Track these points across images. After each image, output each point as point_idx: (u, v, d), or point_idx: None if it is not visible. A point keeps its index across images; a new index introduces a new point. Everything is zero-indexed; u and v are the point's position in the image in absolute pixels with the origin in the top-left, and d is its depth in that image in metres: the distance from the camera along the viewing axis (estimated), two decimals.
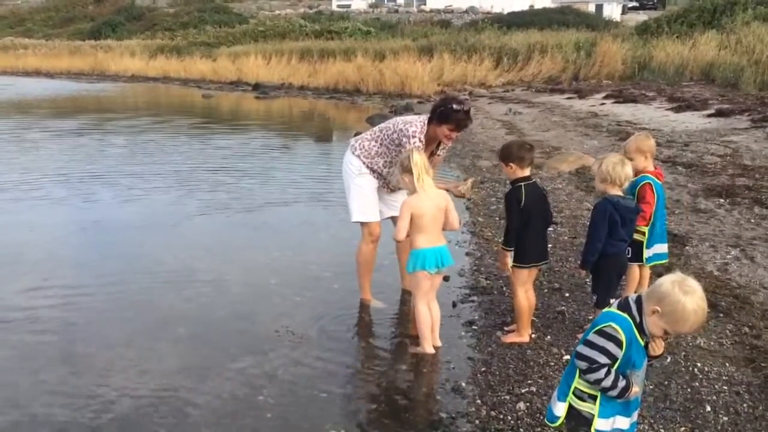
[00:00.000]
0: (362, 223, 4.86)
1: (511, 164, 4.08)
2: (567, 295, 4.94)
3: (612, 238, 3.95)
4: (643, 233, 4.42)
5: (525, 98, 20.56)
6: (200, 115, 21.11)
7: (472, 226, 7.20)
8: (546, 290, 5.05)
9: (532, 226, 4.07)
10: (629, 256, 4.48)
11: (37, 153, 12.79)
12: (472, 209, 7.96)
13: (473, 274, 5.65)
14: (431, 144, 4.75)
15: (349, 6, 62.45)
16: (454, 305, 4.94)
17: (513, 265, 4.12)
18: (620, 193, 3.99)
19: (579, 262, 4.23)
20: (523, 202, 4.01)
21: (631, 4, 63.08)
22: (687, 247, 5.72)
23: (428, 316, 4.14)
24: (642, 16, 44.28)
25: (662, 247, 4.54)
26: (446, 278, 5.38)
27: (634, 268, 4.52)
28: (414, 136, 4.62)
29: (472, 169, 10.24)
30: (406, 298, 4.95)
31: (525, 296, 4.16)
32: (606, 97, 17.87)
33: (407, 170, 4.01)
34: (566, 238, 6.41)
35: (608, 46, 23.28)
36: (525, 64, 25.98)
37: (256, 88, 30.32)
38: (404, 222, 3.98)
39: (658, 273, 4.95)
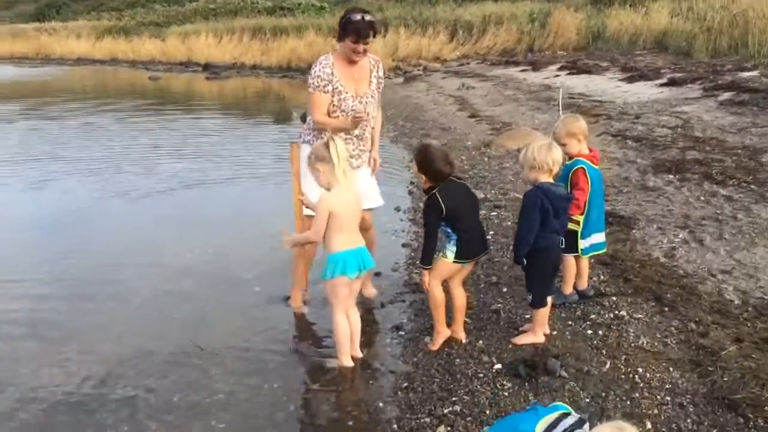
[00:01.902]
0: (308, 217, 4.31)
1: (423, 175, 3.66)
2: (505, 290, 4.52)
3: (544, 230, 3.55)
4: (578, 222, 4.02)
5: (479, 72, 20.11)
6: (146, 98, 20.25)
7: (412, 213, 6.77)
8: (483, 285, 4.63)
9: (464, 224, 3.64)
10: (563, 247, 4.09)
11: None
12: (414, 193, 7.53)
13: (407, 268, 5.22)
14: (350, 69, 4.21)
15: None
16: (383, 306, 4.50)
17: (456, 261, 3.66)
18: (550, 180, 3.57)
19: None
20: (444, 210, 3.55)
21: None
22: (633, 230, 5.34)
23: (347, 326, 3.69)
24: None
25: (599, 237, 4.15)
26: (377, 273, 4.97)
27: (570, 260, 4.13)
28: (312, 75, 4.19)
29: None
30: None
31: (439, 291, 3.76)
32: (560, 69, 17.50)
33: (322, 159, 3.47)
34: (509, 223, 5.98)
35: (562, 16, 22.89)
36: (480, 37, 25.51)
37: (206, 68, 29.36)
38: (322, 222, 3.47)
39: (603, 262, 4.61)
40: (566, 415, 2.21)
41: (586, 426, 2.13)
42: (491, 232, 5.68)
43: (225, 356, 3.97)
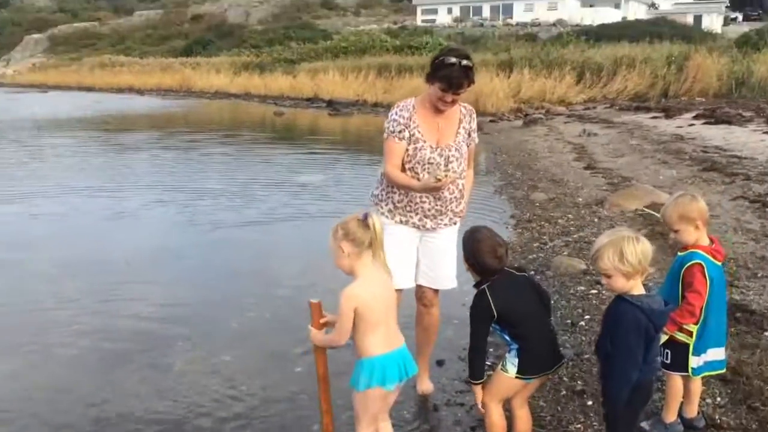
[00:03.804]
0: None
1: (468, 264, 2.99)
2: (590, 403, 3.63)
3: (644, 362, 2.66)
4: (690, 333, 3.13)
5: (605, 117, 18.90)
6: (266, 131, 20.74)
7: None
8: (563, 393, 3.78)
9: (527, 330, 2.89)
10: (668, 362, 3.22)
11: (84, 169, 12.52)
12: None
13: None
14: (435, 117, 3.58)
15: (433, 21, 61.66)
16: (436, 409, 3.72)
17: (518, 377, 2.92)
18: (642, 288, 2.73)
19: (601, 400, 2.92)
20: (495, 312, 2.84)
21: (734, 15, 58.96)
22: (767, 332, 4.31)
23: None
24: (745, 28, 40.99)
25: (718, 353, 3.21)
26: (439, 362, 4.26)
27: (676, 381, 3.23)
28: (388, 119, 3.60)
29: (524, 203, 8.98)
30: None
31: (499, 413, 2.98)
32: (696, 117, 16.04)
33: (352, 240, 2.77)
34: None
35: (702, 59, 21.20)
36: (609, 80, 24.22)
37: (329, 104, 29.94)
38: (347, 323, 2.75)
39: (721, 377, 3.63)
40: None
41: None
42: (586, 317, 4.83)
43: None
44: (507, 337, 2.91)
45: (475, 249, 2.91)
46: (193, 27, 75.33)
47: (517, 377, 2.91)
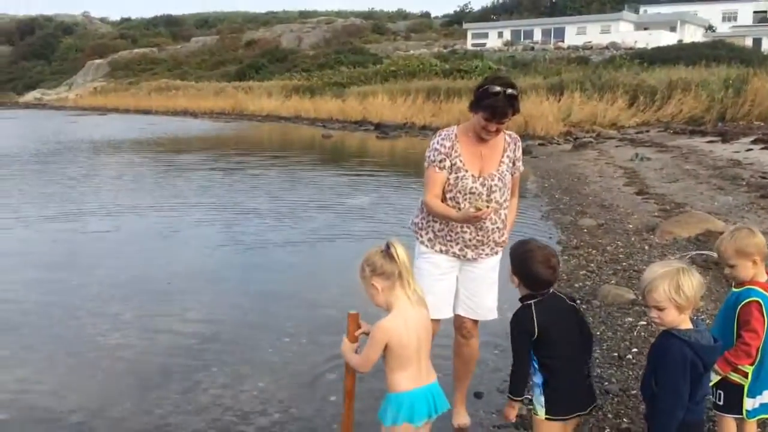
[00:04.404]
0: None
1: (516, 278, 2.81)
2: None
3: (691, 400, 2.49)
4: (746, 375, 2.92)
5: (659, 141, 18.45)
6: (313, 153, 20.95)
7: None
8: (607, 430, 3.59)
9: (561, 363, 2.73)
10: (721, 403, 3.01)
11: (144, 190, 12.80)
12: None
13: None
14: (477, 146, 3.48)
15: (484, 45, 61.62)
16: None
17: (548, 418, 2.76)
18: (690, 323, 2.56)
19: None
20: (536, 331, 2.69)
21: None
22: None
23: None
24: None
25: None
26: (477, 394, 4.10)
27: (729, 423, 3.01)
28: (429, 148, 3.51)
29: (571, 228, 8.74)
30: None
31: None
32: (755, 142, 15.48)
33: (381, 273, 2.68)
34: None
35: (761, 83, 20.53)
36: (664, 103, 23.69)
37: (377, 127, 30.10)
38: (375, 354, 2.69)
39: None
40: None
41: None
42: (634, 350, 4.60)
43: None
44: (535, 364, 2.75)
45: (526, 258, 2.76)
46: (246, 52, 77.22)
47: (547, 419, 2.74)
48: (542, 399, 2.74)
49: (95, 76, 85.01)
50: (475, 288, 3.61)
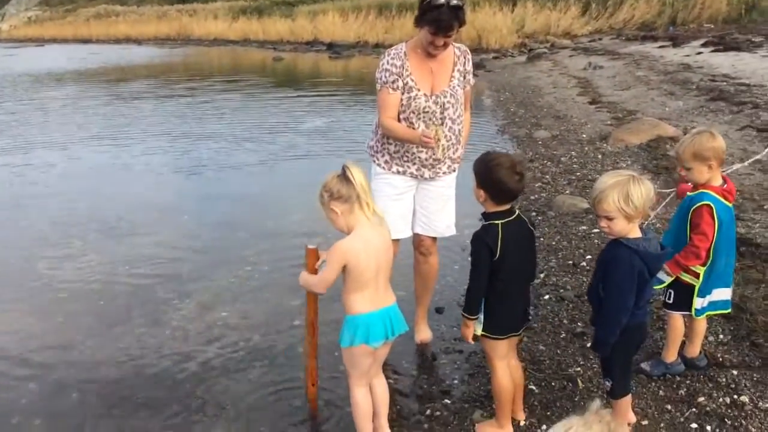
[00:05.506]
0: None
1: (483, 191, 2.73)
2: (590, 344, 3.58)
3: (636, 305, 2.56)
4: (697, 275, 3.03)
5: (611, 49, 18.45)
6: (264, 77, 20.37)
7: None
8: (563, 335, 3.73)
9: (509, 286, 2.75)
10: (670, 301, 3.14)
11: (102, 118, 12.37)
12: None
13: None
14: (427, 62, 3.41)
15: None
16: (434, 358, 3.67)
17: (484, 335, 2.83)
18: (639, 231, 2.58)
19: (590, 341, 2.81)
20: (498, 252, 2.67)
21: None
22: None
23: (368, 404, 2.88)
24: None
25: (724, 293, 3.13)
26: (438, 310, 4.19)
27: (677, 320, 3.15)
28: (379, 69, 3.44)
29: (526, 141, 8.80)
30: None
31: (505, 373, 2.89)
32: (704, 45, 15.61)
33: (338, 197, 2.66)
34: None
35: None
36: (616, 9, 23.55)
37: (329, 47, 29.39)
38: (332, 274, 2.69)
39: (724, 314, 3.53)
40: None
41: None
42: (588, 257, 4.73)
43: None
44: None
45: (492, 168, 2.66)
46: None
47: (483, 335, 2.81)
48: (481, 316, 2.79)
49: (28, 5, 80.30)
50: (433, 206, 3.62)
